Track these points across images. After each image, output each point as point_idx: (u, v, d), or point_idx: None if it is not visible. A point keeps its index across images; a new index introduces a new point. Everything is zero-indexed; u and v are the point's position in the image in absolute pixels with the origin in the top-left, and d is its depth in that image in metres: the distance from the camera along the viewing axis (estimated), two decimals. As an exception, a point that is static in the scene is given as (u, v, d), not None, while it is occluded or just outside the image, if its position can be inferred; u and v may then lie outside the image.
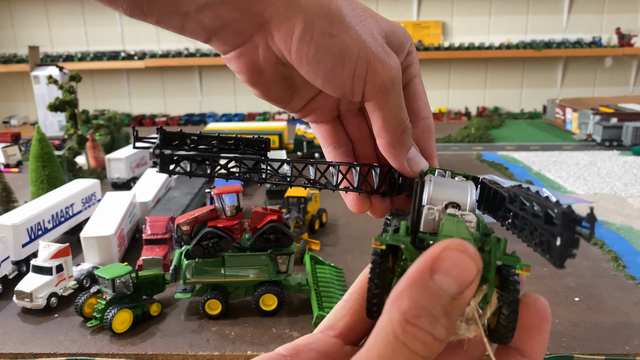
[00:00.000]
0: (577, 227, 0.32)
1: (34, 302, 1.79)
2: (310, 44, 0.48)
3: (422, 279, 0.30)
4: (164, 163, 0.50)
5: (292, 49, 0.49)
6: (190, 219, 1.79)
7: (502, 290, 0.38)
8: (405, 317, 0.29)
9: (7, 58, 6.39)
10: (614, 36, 6.40)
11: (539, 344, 0.40)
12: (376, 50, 0.49)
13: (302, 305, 1.85)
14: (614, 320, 1.71)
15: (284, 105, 0.59)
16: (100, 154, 3.68)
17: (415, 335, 0.29)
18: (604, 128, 4.35)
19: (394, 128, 0.51)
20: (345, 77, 0.49)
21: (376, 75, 0.49)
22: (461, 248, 0.31)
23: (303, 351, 0.40)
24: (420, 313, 0.30)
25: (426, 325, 0.30)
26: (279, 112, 6.57)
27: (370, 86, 0.50)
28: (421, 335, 0.29)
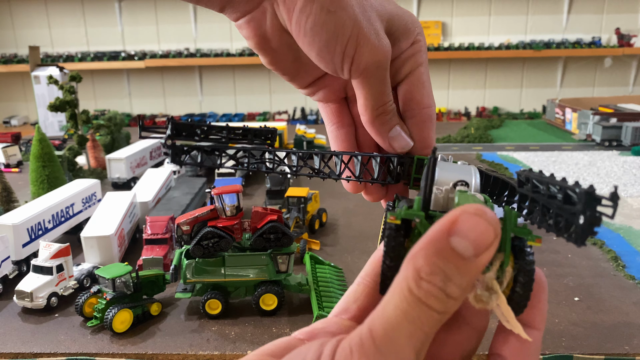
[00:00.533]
0: (598, 205, 0.33)
1: (34, 301, 1.80)
2: (309, 17, 0.50)
3: (439, 240, 0.31)
4: (175, 153, 0.52)
5: (292, 18, 0.51)
6: (191, 218, 1.79)
7: (518, 260, 0.39)
8: (419, 274, 0.31)
9: (7, 58, 6.39)
10: (614, 36, 6.41)
11: (539, 312, 0.41)
12: (367, 32, 0.51)
13: (302, 305, 1.86)
14: (613, 320, 1.72)
15: (291, 79, 0.61)
16: (100, 154, 3.68)
17: (429, 291, 0.30)
18: (604, 128, 4.35)
19: (374, 108, 0.54)
20: (337, 53, 0.52)
21: (362, 56, 0.51)
22: (480, 212, 0.32)
23: (319, 334, 0.41)
24: (434, 271, 0.31)
25: (439, 282, 0.30)
26: (279, 112, 6.58)
27: (356, 66, 0.52)
28: (434, 291, 0.30)
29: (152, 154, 3.70)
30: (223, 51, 6.37)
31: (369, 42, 0.51)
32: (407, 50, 0.57)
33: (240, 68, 6.64)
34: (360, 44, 0.51)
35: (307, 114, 6.59)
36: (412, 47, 0.57)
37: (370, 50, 0.51)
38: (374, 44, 0.51)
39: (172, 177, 3.11)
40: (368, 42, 0.51)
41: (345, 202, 2.98)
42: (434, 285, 0.31)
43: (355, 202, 2.99)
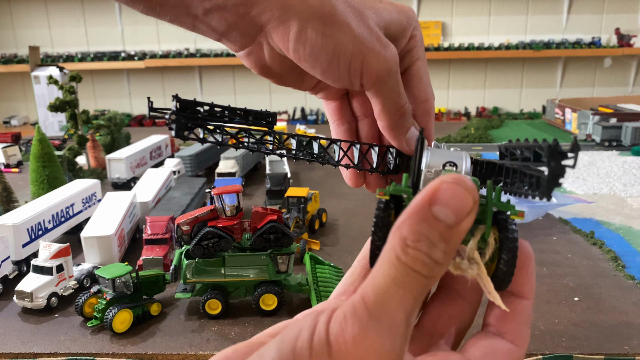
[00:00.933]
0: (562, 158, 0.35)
1: (34, 302, 1.80)
2: (306, 44, 0.51)
3: (421, 209, 0.33)
4: (179, 128, 0.54)
5: (289, 48, 0.52)
6: (191, 218, 1.79)
7: (501, 236, 0.40)
8: (405, 242, 0.33)
9: (7, 58, 6.39)
10: (613, 36, 6.41)
11: (528, 282, 0.42)
12: (371, 44, 0.52)
13: (302, 305, 1.86)
14: (613, 320, 1.72)
15: (297, 88, 0.64)
16: (100, 154, 3.68)
17: (415, 257, 0.33)
18: (603, 128, 4.35)
19: (393, 112, 0.54)
20: (342, 71, 0.52)
21: (371, 67, 0.52)
22: (458, 181, 0.34)
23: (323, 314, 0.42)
24: (419, 238, 0.33)
25: (424, 247, 0.33)
26: (278, 112, 6.58)
27: (367, 77, 0.53)
28: (420, 257, 0.33)
29: (152, 154, 3.70)
30: (223, 51, 6.38)
31: (374, 52, 0.52)
32: (404, 47, 0.58)
33: (240, 68, 6.65)
34: (366, 57, 0.51)
35: (307, 114, 6.59)
36: (408, 43, 0.58)
37: (377, 60, 0.52)
38: (380, 53, 0.52)
39: (172, 177, 3.11)
40: (373, 52, 0.52)
41: (345, 202, 2.98)
42: (420, 251, 0.33)
43: (355, 202, 3.00)
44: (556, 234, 2.49)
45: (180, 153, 3.52)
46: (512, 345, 0.40)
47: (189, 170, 3.37)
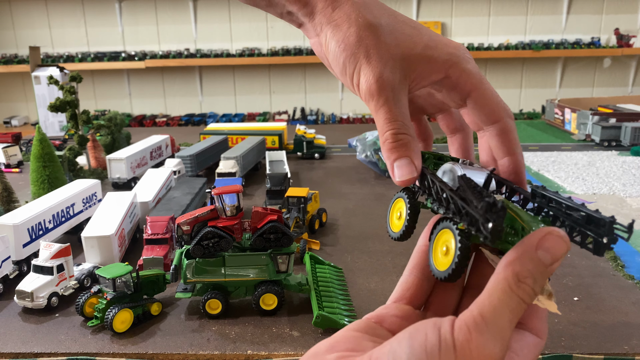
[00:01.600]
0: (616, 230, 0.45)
1: (34, 301, 1.80)
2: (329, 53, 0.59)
3: (530, 251, 0.44)
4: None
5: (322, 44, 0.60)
6: (191, 218, 1.79)
7: None
8: (518, 277, 0.43)
9: (8, 58, 6.40)
10: (613, 37, 6.42)
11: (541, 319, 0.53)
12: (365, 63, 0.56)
13: (302, 304, 1.86)
14: (612, 320, 1.72)
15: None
16: (101, 154, 3.69)
17: (524, 289, 0.43)
18: (603, 128, 4.36)
19: (380, 135, 0.57)
20: (347, 82, 0.59)
21: (360, 85, 0.57)
22: (560, 234, 0.45)
23: (386, 317, 0.52)
24: (527, 275, 0.43)
25: (530, 282, 0.43)
26: (278, 113, 6.58)
27: (359, 93, 0.58)
28: (527, 290, 0.43)
29: (152, 154, 3.71)
30: (223, 51, 6.38)
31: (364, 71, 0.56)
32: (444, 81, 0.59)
33: (240, 68, 6.65)
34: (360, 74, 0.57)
35: (307, 114, 6.59)
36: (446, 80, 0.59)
37: (365, 78, 0.56)
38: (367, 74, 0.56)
39: (173, 177, 3.12)
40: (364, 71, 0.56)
41: (345, 202, 2.99)
42: (528, 285, 0.43)
43: (355, 202, 3.00)
44: (556, 234, 2.49)
45: (180, 153, 3.52)
46: (537, 338, 0.50)
47: (189, 170, 3.37)
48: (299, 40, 6.50)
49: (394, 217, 0.62)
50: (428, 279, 0.56)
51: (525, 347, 0.49)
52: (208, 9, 6.49)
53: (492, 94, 0.60)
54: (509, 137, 0.60)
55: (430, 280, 0.57)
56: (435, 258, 0.52)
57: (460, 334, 0.41)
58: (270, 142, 4.13)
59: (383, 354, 0.42)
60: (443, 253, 0.51)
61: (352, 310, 1.80)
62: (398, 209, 0.62)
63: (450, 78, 0.59)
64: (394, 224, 0.61)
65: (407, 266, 0.57)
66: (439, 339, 0.41)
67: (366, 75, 0.56)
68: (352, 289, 1.96)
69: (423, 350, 0.40)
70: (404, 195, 0.60)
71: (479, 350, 0.40)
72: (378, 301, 1.87)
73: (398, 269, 2.13)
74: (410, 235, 0.58)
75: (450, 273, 0.48)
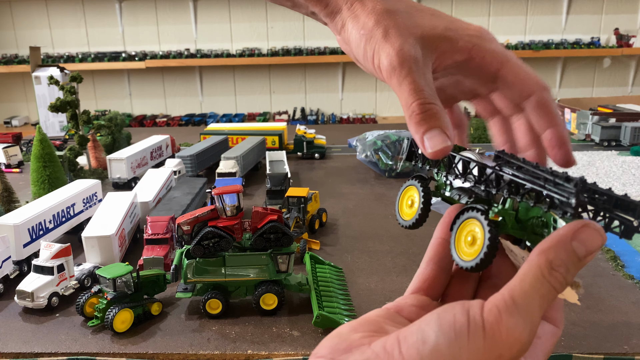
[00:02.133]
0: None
1: (35, 301, 1.80)
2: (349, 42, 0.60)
3: (565, 241, 0.44)
4: None
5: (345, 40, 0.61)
6: (191, 218, 1.80)
7: None
8: (551, 265, 0.43)
9: (8, 59, 6.40)
10: (613, 37, 6.41)
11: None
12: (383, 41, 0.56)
13: (302, 304, 1.86)
14: (612, 320, 1.72)
15: None
16: (101, 154, 3.69)
17: (556, 277, 0.43)
18: (603, 128, 4.36)
19: (405, 109, 0.55)
20: (369, 66, 0.59)
21: (380, 64, 0.56)
22: (596, 227, 0.45)
23: (405, 306, 0.52)
24: (560, 264, 0.44)
25: (563, 271, 0.44)
26: (279, 113, 6.59)
27: (382, 73, 0.57)
28: (559, 277, 0.44)
29: (152, 154, 3.71)
30: (223, 52, 6.38)
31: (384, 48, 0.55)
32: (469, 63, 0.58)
33: (241, 68, 6.65)
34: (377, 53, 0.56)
35: (307, 114, 6.60)
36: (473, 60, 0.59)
37: (386, 53, 0.55)
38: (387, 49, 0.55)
39: (173, 177, 3.12)
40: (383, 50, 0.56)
41: (345, 202, 2.99)
42: (560, 274, 0.44)
43: (355, 202, 3.00)
44: (556, 233, 2.49)
45: (180, 153, 3.52)
46: (555, 327, 0.53)
47: (189, 170, 3.37)
48: (299, 40, 6.50)
49: (404, 205, 0.61)
50: (445, 271, 0.56)
51: (544, 335, 0.50)
52: (208, 9, 6.50)
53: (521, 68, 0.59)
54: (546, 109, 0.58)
55: (447, 272, 0.57)
56: (459, 249, 0.51)
57: (490, 315, 0.41)
58: (271, 142, 4.13)
59: (411, 332, 0.42)
60: (468, 243, 0.50)
61: (352, 310, 1.80)
62: (409, 197, 0.60)
63: (474, 59, 0.58)
64: (405, 212, 0.60)
65: (423, 258, 0.57)
66: (467, 320, 0.41)
67: (386, 51, 0.55)
68: (352, 288, 1.97)
69: (452, 330, 0.40)
70: (417, 182, 0.59)
71: (508, 332, 0.40)
72: (378, 301, 1.87)
73: (398, 269, 2.14)
74: (423, 224, 0.58)
75: (478, 263, 0.48)
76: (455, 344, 0.40)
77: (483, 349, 0.40)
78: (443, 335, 0.40)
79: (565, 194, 0.45)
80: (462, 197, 0.56)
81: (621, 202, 0.46)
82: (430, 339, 0.40)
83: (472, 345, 0.40)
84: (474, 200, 0.55)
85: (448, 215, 0.57)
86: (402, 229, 2.56)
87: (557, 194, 0.46)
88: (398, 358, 0.41)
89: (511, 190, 0.51)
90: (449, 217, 0.56)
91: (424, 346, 0.40)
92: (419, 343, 0.40)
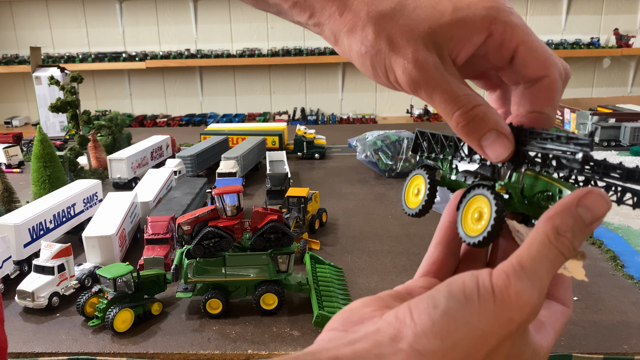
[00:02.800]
0: None
1: (35, 301, 1.81)
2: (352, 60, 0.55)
3: (570, 208, 0.44)
4: None
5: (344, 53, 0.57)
6: (191, 218, 1.80)
7: None
8: (557, 230, 0.44)
9: (8, 59, 6.40)
10: (612, 37, 6.42)
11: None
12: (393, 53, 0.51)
13: (302, 304, 1.86)
14: (612, 320, 1.73)
15: None
16: (101, 154, 3.69)
17: (563, 242, 0.44)
18: (602, 128, 4.36)
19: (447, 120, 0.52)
20: (383, 82, 0.54)
21: (398, 79, 0.52)
22: (601, 193, 0.45)
23: (415, 288, 0.52)
24: (567, 229, 0.44)
25: (570, 236, 0.44)
26: (279, 113, 6.59)
27: (402, 87, 0.53)
28: (566, 242, 0.44)
29: (153, 154, 3.71)
30: (223, 52, 6.39)
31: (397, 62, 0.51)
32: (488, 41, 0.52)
33: (241, 69, 6.66)
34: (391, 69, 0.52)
35: (307, 115, 6.60)
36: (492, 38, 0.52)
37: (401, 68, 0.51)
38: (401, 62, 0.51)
39: (173, 177, 3.12)
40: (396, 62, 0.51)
41: (345, 202, 2.99)
42: (567, 239, 0.44)
43: (355, 202, 3.00)
44: (555, 233, 2.49)
45: (181, 153, 3.53)
46: (565, 307, 0.52)
47: (189, 170, 3.38)
48: (299, 40, 6.50)
49: (410, 193, 0.61)
50: (453, 254, 0.56)
51: (553, 315, 0.50)
52: (208, 10, 6.50)
53: (541, 46, 0.53)
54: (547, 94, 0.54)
55: (455, 256, 0.56)
56: (466, 225, 0.52)
57: (499, 280, 0.41)
58: (271, 142, 4.14)
59: (422, 300, 0.42)
60: (475, 220, 0.51)
61: (352, 309, 1.80)
62: (416, 186, 0.61)
63: (493, 35, 0.52)
64: (411, 200, 0.61)
65: (431, 243, 0.57)
66: (477, 285, 0.41)
67: (400, 65, 0.50)
68: (352, 288, 1.97)
69: (462, 295, 0.41)
70: (423, 171, 0.60)
71: (517, 296, 0.41)
72: (378, 301, 1.87)
73: (398, 269, 2.14)
74: (428, 212, 0.58)
75: (485, 236, 0.48)
76: (466, 308, 0.40)
77: (494, 312, 0.40)
78: (454, 299, 0.41)
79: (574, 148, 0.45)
80: (467, 179, 0.57)
81: (632, 173, 0.46)
82: (441, 304, 0.41)
83: (483, 308, 0.40)
84: (479, 179, 0.56)
85: (454, 199, 0.56)
86: (402, 229, 2.56)
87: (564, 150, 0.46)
88: (410, 324, 0.41)
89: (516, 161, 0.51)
90: (455, 200, 0.55)
91: (436, 311, 0.40)
92: (430, 308, 0.41)
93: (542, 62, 0.53)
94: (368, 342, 0.41)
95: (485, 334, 0.40)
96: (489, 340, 0.40)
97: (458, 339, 0.40)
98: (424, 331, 0.40)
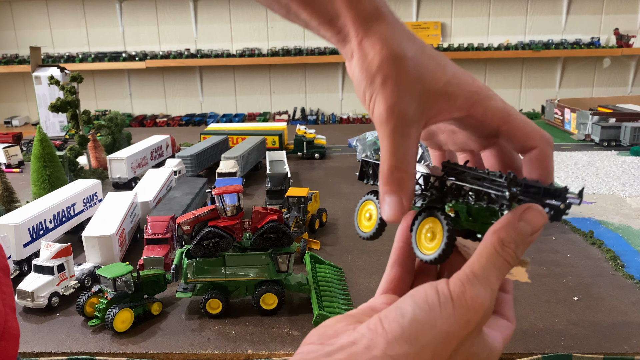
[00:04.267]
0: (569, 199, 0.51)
1: (35, 301, 1.81)
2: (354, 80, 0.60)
3: (513, 222, 0.51)
4: None
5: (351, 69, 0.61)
6: (191, 218, 1.80)
7: None
8: (502, 242, 0.50)
9: (8, 59, 6.40)
10: (613, 37, 6.42)
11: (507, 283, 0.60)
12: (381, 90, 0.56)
13: (302, 304, 1.86)
14: (612, 320, 1.73)
15: None
16: (101, 154, 3.69)
17: (507, 252, 0.50)
18: (602, 128, 4.36)
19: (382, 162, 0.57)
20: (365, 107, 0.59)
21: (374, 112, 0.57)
22: (538, 209, 0.52)
23: (377, 305, 0.57)
24: (510, 241, 0.50)
25: (513, 247, 0.50)
26: (279, 113, 6.59)
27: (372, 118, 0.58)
28: (510, 252, 0.50)
29: (153, 154, 3.71)
30: (223, 52, 6.39)
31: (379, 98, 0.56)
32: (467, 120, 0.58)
33: (241, 68, 6.66)
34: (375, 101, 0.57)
35: (307, 114, 6.60)
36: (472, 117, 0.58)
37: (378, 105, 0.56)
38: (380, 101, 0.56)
39: (173, 177, 3.12)
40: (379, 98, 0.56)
41: (345, 202, 2.99)
42: (511, 249, 0.50)
43: (355, 202, 2.99)
44: (555, 233, 2.49)
45: (181, 153, 3.53)
46: (509, 322, 0.57)
47: (189, 170, 3.38)
48: (299, 40, 6.50)
49: (362, 218, 0.65)
50: (408, 272, 0.62)
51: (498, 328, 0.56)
52: (208, 9, 6.50)
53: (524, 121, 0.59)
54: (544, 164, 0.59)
55: (410, 273, 0.62)
56: (421, 245, 0.57)
57: (456, 287, 0.48)
58: (271, 142, 4.14)
59: (390, 311, 0.47)
60: (428, 239, 0.56)
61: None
62: (367, 211, 0.65)
63: (473, 117, 0.58)
64: (363, 224, 0.64)
65: (388, 263, 0.62)
66: (437, 293, 0.47)
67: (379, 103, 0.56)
68: (352, 288, 1.97)
69: (425, 303, 0.47)
70: (374, 197, 0.64)
71: (473, 300, 0.47)
72: (378, 301, 1.87)
73: (398, 269, 2.14)
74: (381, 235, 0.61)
75: (440, 254, 0.54)
76: (430, 314, 0.46)
77: (454, 316, 0.46)
78: (419, 307, 0.47)
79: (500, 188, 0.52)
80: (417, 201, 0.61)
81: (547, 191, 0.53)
82: (408, 313, 0.46)
83: (444, 312, 0.46)
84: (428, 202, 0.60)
85: (405, 221, 0.61)
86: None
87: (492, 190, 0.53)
88: (382, 333, 0.46)
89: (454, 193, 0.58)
90: (407, 222, 0.61)
91: (404, 319, 0.46)
92: (398, 317, 0.46)
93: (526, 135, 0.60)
94: (345, 353, 0.45)
95: (448, 335, 0.46)
96: (452, 340, 0.46)
97: (426, 342, 0.45)
98: (395, 338, 0.45)
